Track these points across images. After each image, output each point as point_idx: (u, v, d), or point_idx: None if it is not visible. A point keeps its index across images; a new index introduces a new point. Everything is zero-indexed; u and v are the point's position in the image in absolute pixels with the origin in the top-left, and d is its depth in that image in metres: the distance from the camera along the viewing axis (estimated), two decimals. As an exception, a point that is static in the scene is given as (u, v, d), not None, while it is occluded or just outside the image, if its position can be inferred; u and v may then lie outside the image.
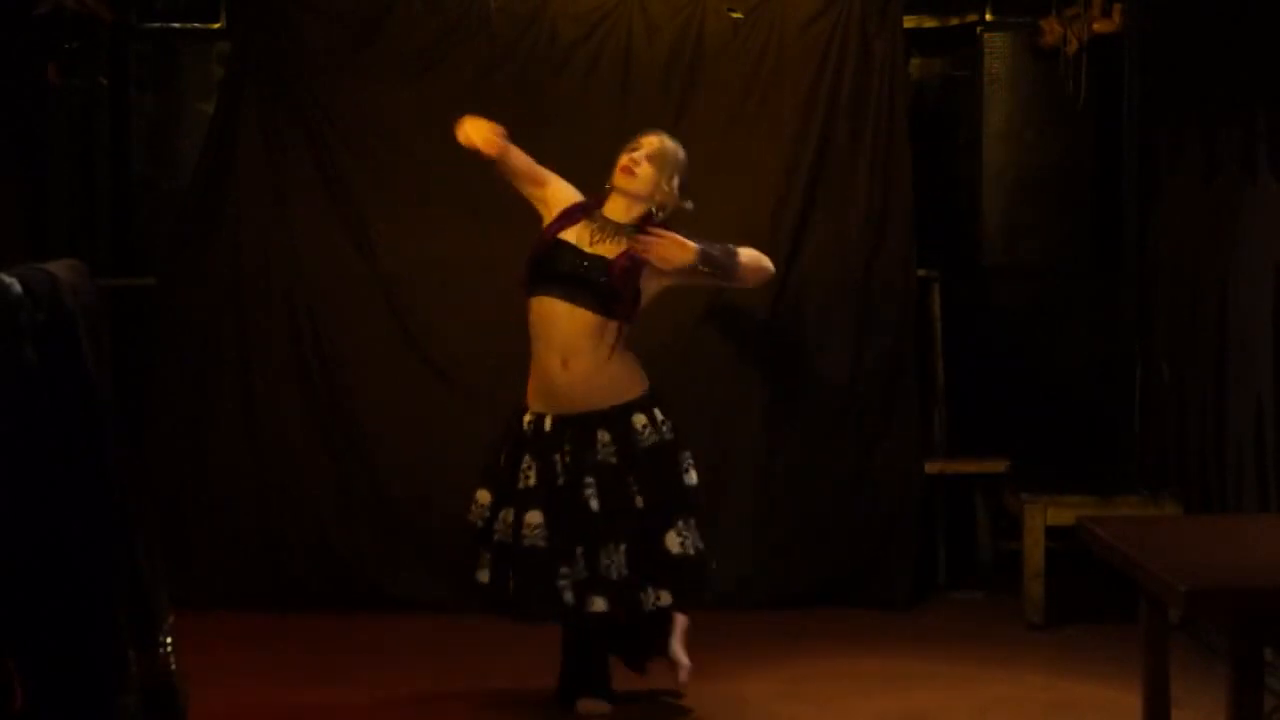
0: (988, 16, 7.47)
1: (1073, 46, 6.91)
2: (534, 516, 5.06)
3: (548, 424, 5.12)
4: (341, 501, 6.64)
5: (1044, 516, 6.33)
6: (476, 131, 5.21)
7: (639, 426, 5.12)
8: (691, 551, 5.12)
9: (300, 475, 6.63)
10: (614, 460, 5.08)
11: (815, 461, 6.67)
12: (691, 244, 5.10)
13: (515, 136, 6.57)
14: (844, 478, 6.68)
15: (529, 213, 6.04)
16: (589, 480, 5.07)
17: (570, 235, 5.18)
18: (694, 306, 6.66)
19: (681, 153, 5.30)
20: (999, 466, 6.82)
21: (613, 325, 5.12)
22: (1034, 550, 6.34)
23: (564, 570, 5.04)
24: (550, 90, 6.72)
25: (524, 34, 6.76)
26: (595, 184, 6.17)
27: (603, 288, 5.08)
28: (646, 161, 5.19)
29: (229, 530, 6.62)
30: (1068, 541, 5.95)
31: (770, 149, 6.71)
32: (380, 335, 6.67)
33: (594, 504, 5.06)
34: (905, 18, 6.91)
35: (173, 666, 3.11)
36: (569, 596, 5.05)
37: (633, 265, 5.11)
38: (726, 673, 5.72)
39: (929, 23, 7.52)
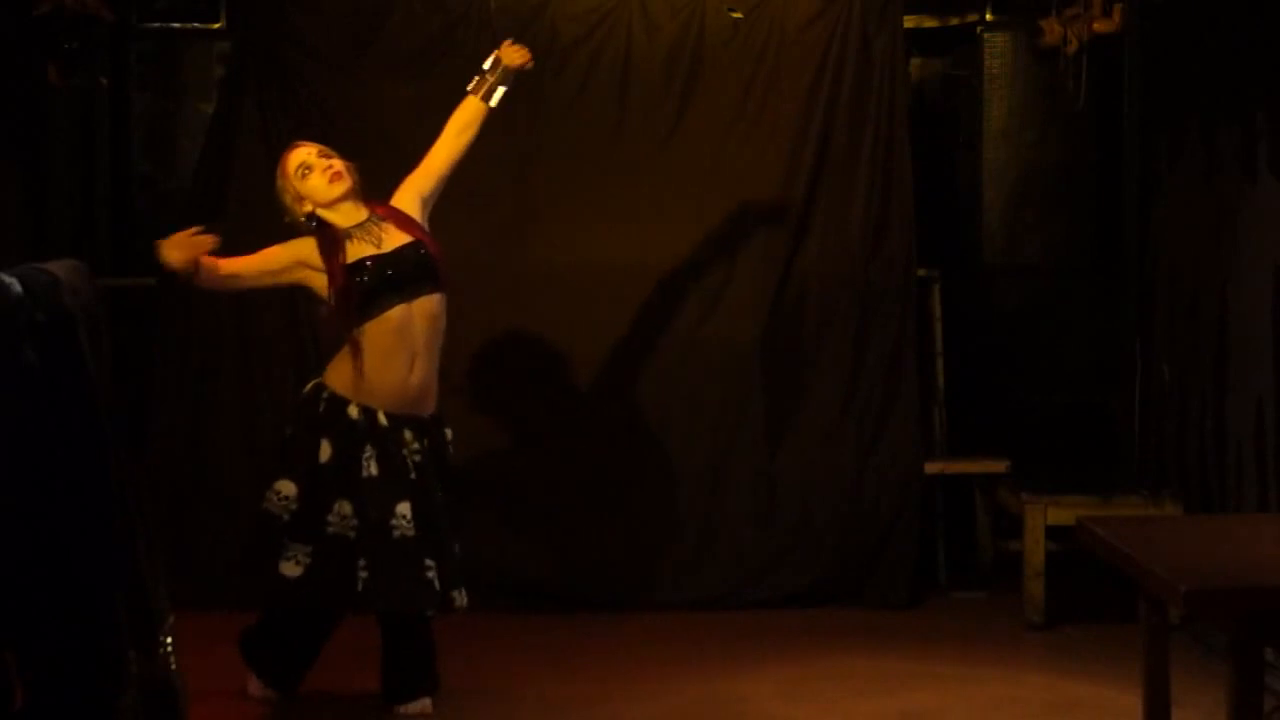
0: (988, 16, 7.47)
1: (1073, 46, 6.91)
2: (403, 507, 5.02)
3: (382, 419, 5.06)
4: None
5: (1044, 516, 6.33)
6: (172, 251, 5.08)
7: (448, 439, 5.25)
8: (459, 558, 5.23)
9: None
10: (427, 465, 5.13)
11: (815, 461, 6.67)
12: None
13: (515, 136, 6.58)
14: (844, 478, 6.68)
15: (528, 212, 6.08)
16: (431, 479, 5.12)
17: (355, 255, 5.11)
18: (694, 306, 6.67)
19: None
20: (999, 466, 6.82)
21: (444, 301, 5.17)
22: (1034, 550, 6.34)
23: (428, 562, 5.04)
24: (550, 90, 6.72)
25: (524, 34, 6.73)
26: (593, 183, 6.21)
27: (431, 264, 5.11)
28: (331, 159, 5.20)
29: (229, 530, 6.61)
30: (1068, 541, 5.96)
31: (770, 149, 6.71)
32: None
33: (441, 501, 5.13)
34: (905, 17, 6.91)
35: (173, 666, 3.11)
36: (438, 585, 5.05)
37: (423, 230, 5.18)
38: (726, 673, 5.72)
39: (929, 22, 7.52)
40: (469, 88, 5.42)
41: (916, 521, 6.73)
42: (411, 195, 5.28)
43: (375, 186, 6.64)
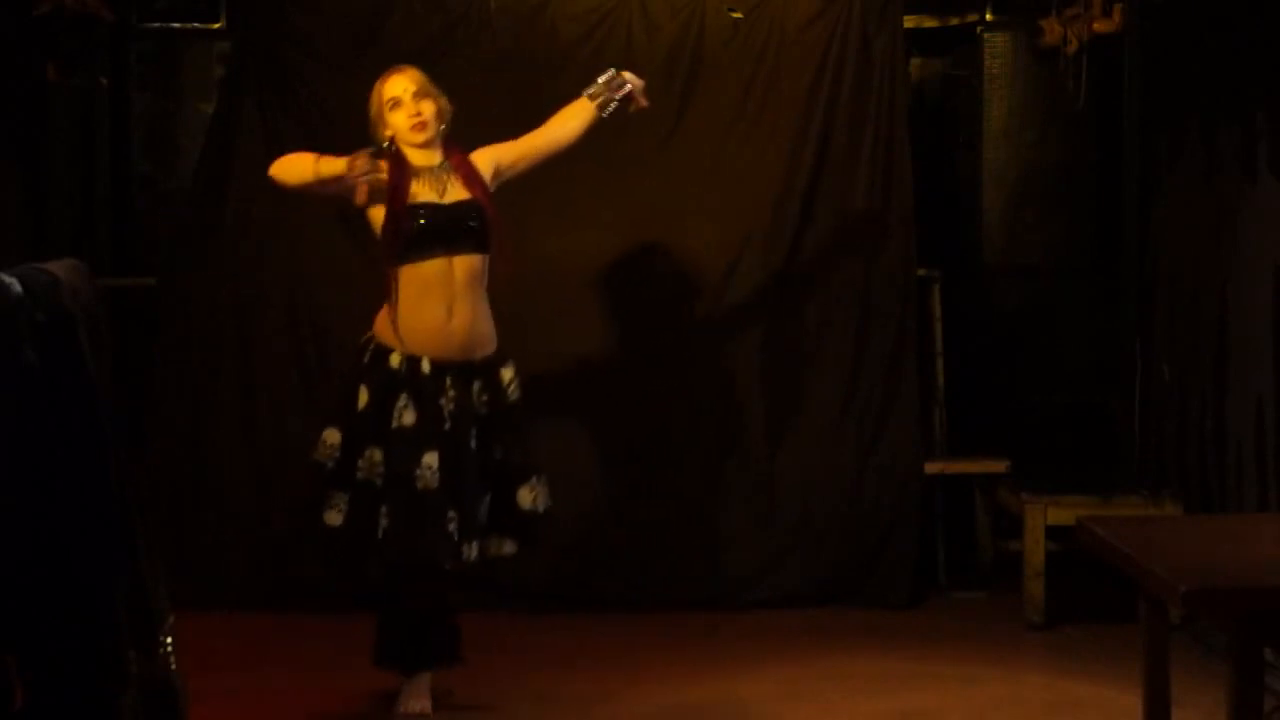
0: (988, 16, 7.47)
1: (1073, 46, 6.91)
2: (430, 458, 4.98)
3: (425, 366, 5.05)
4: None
5: (1044, 516, 6.33)
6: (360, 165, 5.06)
7: (505, 381, 5.18)
8: (541, 509, 5.20)
9: (301, 474, 6.60)
10: (485, 411, 5.10)
11: (815, 461, 6.67)
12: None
13: (514, 137, 6.59)
14: (844, 478, 6.68)
15: (528, 212, 6.06)
16: (471, 430, 5.08)
17: (417, 197, 5.12)
18: (695, 306, 6.67)
19: (414, 67, 5.28)
20: (999, 466, 6.82)
21: (486, 260, 5.16)
22: (1034, 550, 6.34)
23: (451, 514, 5.01)
24: (550, 90, 6.70)
25: (524, 34, 6.76)
26: (593, 183, 6.22)
27: (480, 229, 5.12)
28: (422, 102, 5.17)
29: (229, 530, 6.62)
30: (1068, 541, 5.96)
31: (770, 148, 6.71)
32: (380, 335, 6.66)
33: (476, 452, 5.08)
34: (905, 17, 6.91)
35: (173, 666, 3.11)
36: (456, 539, 5.02)
37: (488, 194, 5.18)
38: (726, 673, 5.73)
39: (929, 22, 7.52)
40: (588, 90, 5.44)
41: (916, 521, 6.73)
42: (489, 157, 5.30)
43: (375, 185, 6.69)
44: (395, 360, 5.06)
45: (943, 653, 5.98)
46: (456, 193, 5.16)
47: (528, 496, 5.18)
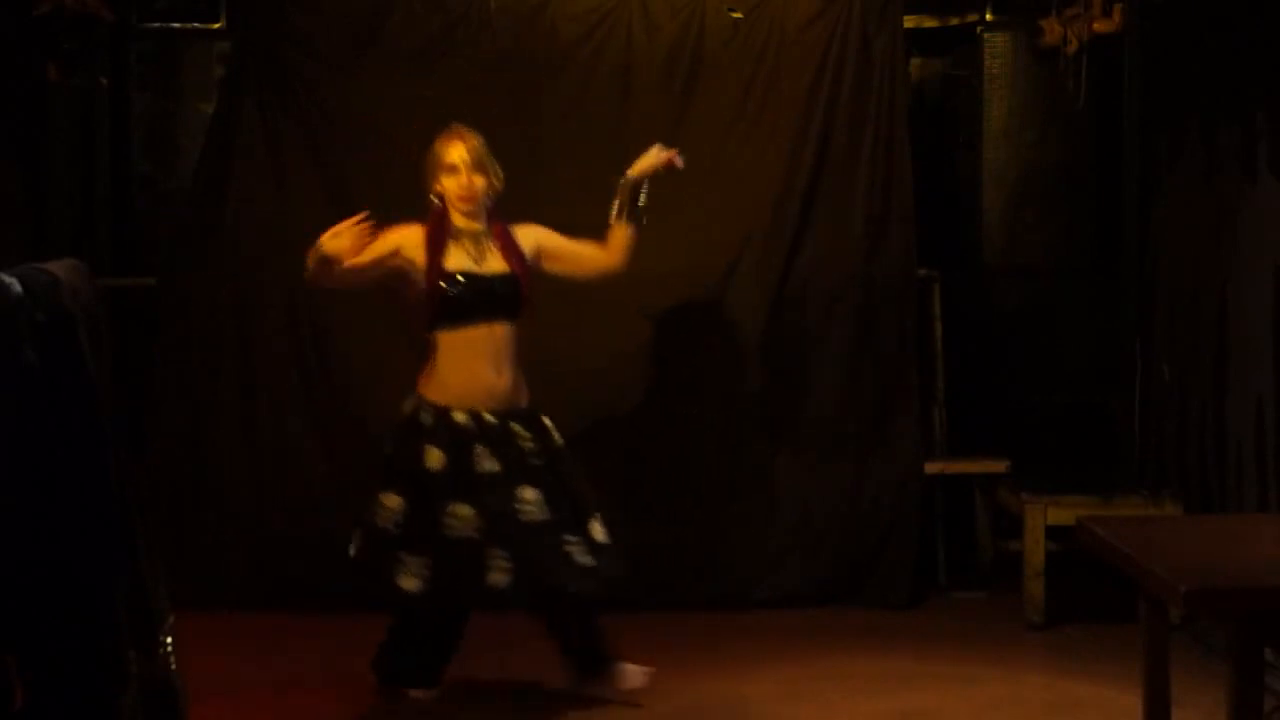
0: (988, 16, 7.47)
1: (1073, 46, 6.91)
2: (527, 493, 5.08)
3: (488, 417, 5.15)
4: (342, 501, 6.63)
5: (1044, 516, 6.33)
6: (335, 241, 5.03)
7: (549, 426, 5.28)
8: (604, 542, 5.23)
9: (300, 474, 6.63)
10: (538, 461, 5.17)
11: (815, 462, 6.67)
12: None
13: (514, 136, 6.60)
14: (844, 478, 6.68)
15: (528, 211, 6.05)
16: (548, 465, 5.18)
17: (455, 263, 5.19)
18: (695, 307, 6.67)
19: (475, 134, 5.31)
20: (999, 466, 6.82)
21: (518, 325, 5.25)
22: (1034, 550, 6.34)
23: (568, 538, 5.10)
24: (550, 90, 6.73)
25: (524, 34, 6.76)
26: (593, 183, 6.20)
27: (514, 300, 5.21)
28: (473, 174, 5.24)
29: (229, 530, 6.63)
30: (1068, 541, 5.96)
31: (770, 149, 6.71)
32: (381, 334, 6.66)
33: (565, 485, 5.18)
34: (905, 17, 6.91)
35: (173, 666, 3.11)
36: (585, 560, 5.09)
37: (524, 267, 5.26)
38: (727, 673, 5.73)
39: (929, 22, 7.52)
40: (611, 220, 5.42)
41: (916, 521, 6.73)
42: (534, 237, 5.36)
43: (375, 186, 6.71)
44: (459, 416, 5.14)
45: (943, 653, 5.98)
46: (494, 263, 5.23)
47: (599, 530, 5.23)
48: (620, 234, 5.41)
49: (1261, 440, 5.70)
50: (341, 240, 5.02)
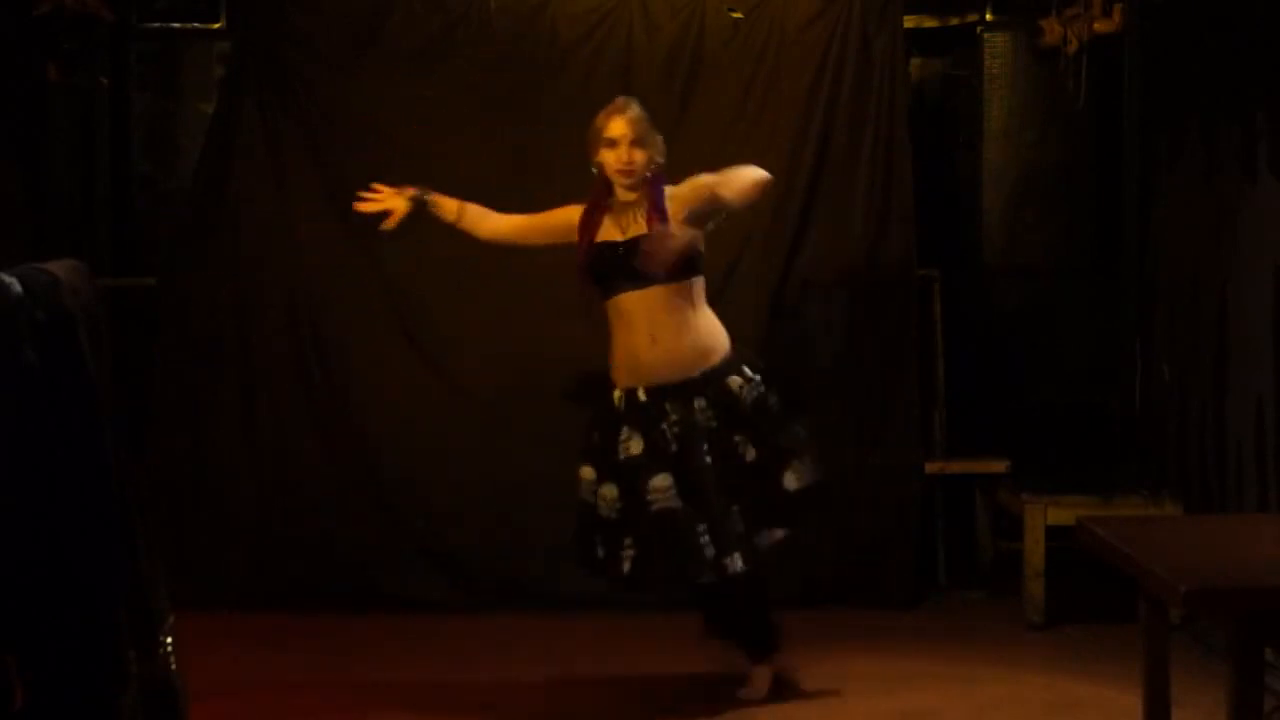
0: (988, 16, 7.47)
1: (1073, 46, 6.91)
2: (661, 480, 5.09)
3: (642, 395, 5.16)
4: (342, 500, 6.65)
5: (1044, 516, 6.33)
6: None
7: (735, 388, 5.19)
8: (809, 483, 5.26)
9: (300, 474, 6.64)
10: (714, 424, 5.14)
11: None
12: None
13: (514, 137, 6.61)
14: (844, 477, 6.67)
15: (528, 211, 6.06)
16: (705, 445, 5.12)
17: (604, 233, 5.25)
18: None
19: (637, 103, 5.37)
20: (999, 466, 6.82)
21: (685, 287, 5.19)
22: (1034, 550, 6.34)
23: (701, 528, 5.08)
24: (550, 90, 6.72)
25: (524, 34, 6.76)
26: (593, 183, 6.18)
27: (650, 253, 5.07)
28: (633, 150, 5.25)
29: (229, 529, 6.63)
30: (1068, 541, 5.95)
31: (770, 149, 6.69)
32: (381, 335, 6.68)
33: (715, 465, 5.12)
34: (905, 17, 6.90)
35: (173, 666, 3.11)
36: (710, 552, 5.08)
37: (667, 228, 5.13)
38: (726, 673, 5.72)
39: (929, 22, 7.52)
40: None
41: (916, 521, 6.73)
42: (688, 188, 5.26)
43: (377, 184, 6.71)
44: (616, 396, 5.20)
45: (943, 653, 5.98)
46: (637, 227, 5.22)
47: (792, 479, 5.24)
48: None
49: (1261, 440, 5.69)
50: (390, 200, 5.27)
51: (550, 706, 5.39)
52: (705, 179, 5.25)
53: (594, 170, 5.30)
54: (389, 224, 5.34)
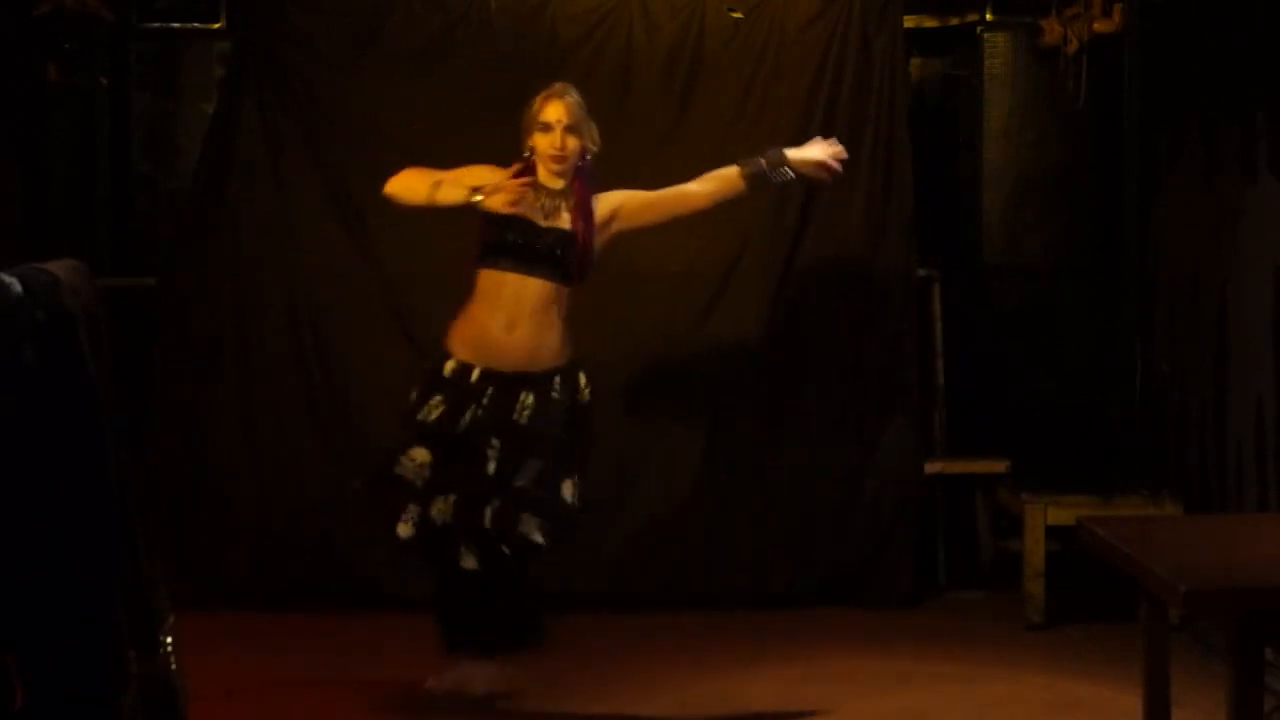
0: (988, 16, 7.47)
1: (1073, 46, 6.91)
2: (420, 454, 5.11)
3: (474, 375, 5.14)
4: (342, 500, 6.62)
5: (1044, 516, 6.33)
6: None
7: (556, 386, 5.17)
8: (579, 504, 5.21)
9: (300, 474, 6.63)
10: (525, 422, 5.10)
11: (815, 461, 6.67)
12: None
13: (514, 137, 6.60)
14: (844, 477, 6.68)
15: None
16: (494, 441, 5.09)
17: (526, 208, 5.19)
18: (694, 306, 6.67)
19: (575, 91, 5.35)
20: (999, 466, 6.82)
21: (565, 291, 5.22)
22: (1034, 550, 6.34)
23: (438, 502, 5.09)
24: (550, 90, 6.71)
25: (524, 34, 6.76)
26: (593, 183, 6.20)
27: (563, 259, 5.16)
28: (566, 136, 5.23)
29: (229, 529, 6.62)
30: (1068, 541, 5.96)
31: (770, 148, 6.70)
32: (381, 335, 6.67)
33: (490, 466, 5.08)
34: (905, 17, 6.90)
35: (173, 666, 3.11)
36: (405, 531, 5.14)
37: (588, 231, 5.19)
38: (726, 673, 5.72)
39: (929, 22, 7.52)
40: (742, 161, 5.43)
41: (916, 521, 6.73)
42: (614, 202, 5.31)
43: (376, 186, 6.70)
44: (448, 368, 5.18)
45: (942, 653, 5.98)
46: (559, 220, 5.21)
47: (569, 490, 5.20)
48: (730, 175, 5.37)
49: (1262, 440, 5.69)
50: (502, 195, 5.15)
51: (548, 706, 5.39)
52: (628, 201, 5.29)
53: (525, 154, 5.28)
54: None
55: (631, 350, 6.65)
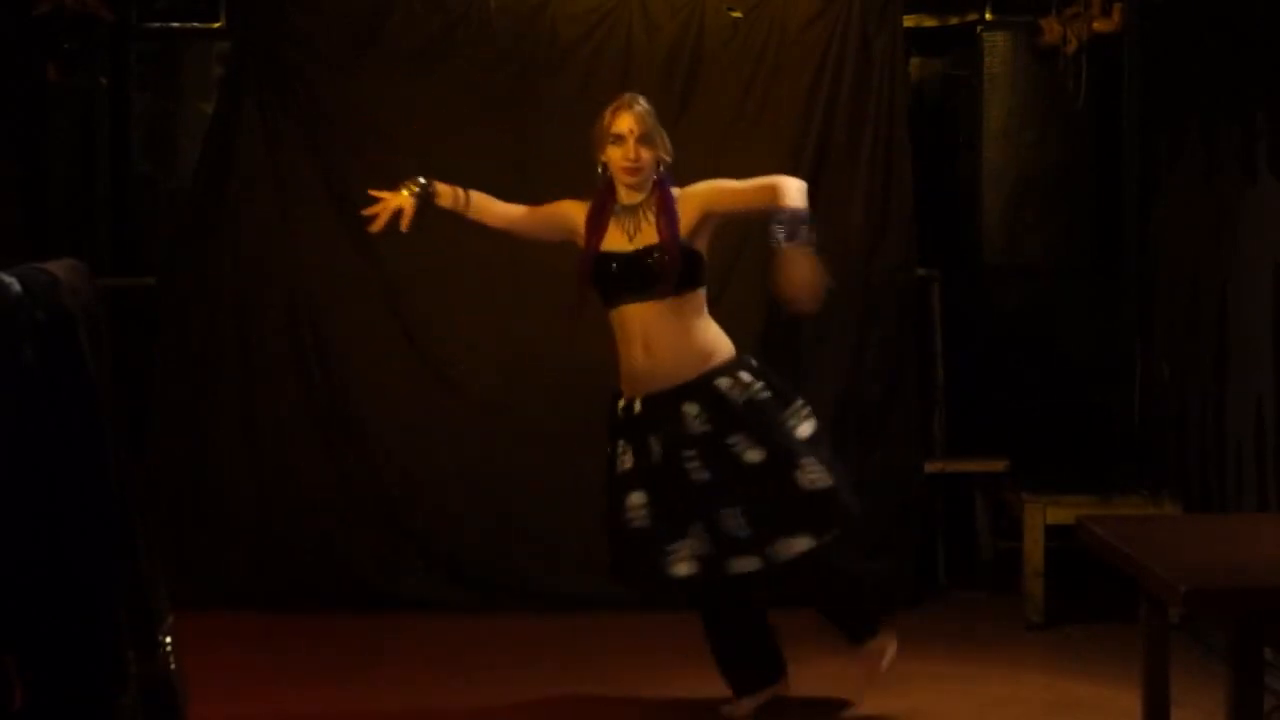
0: (987, 16, 7.47)
1: (1072, 46, 6.91)
2: (636, 498, 4.98)
3: (637, 406, 5.03)
4: (341, 501, 6.64)
5: (1044, 516, 6.33)
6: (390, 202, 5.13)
7: (725, 389, 5.01)
8: (819, 487, 5.00)
9: (300, 475, 6.63)
10: (708, 428, 4.98)
11: (814, 461, 6.66)
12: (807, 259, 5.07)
13: (514, 137, 6.60)
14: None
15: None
16: (689, 453, 4.96)
17: (610, 243, 5.07)
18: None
19: (644, 100, 5.19)
20: (999, 466, 6.82)
21: (686, 299, 5.04)
22: (1034, 549, 6.34)
23: (671, 547, 4.95)
24: (550, 90, 6.72)
25: (524, 34, 6.76)
26: (593, 184, 6.19)
27: (663, 272, 4.98)
28: (639, 147, 5.06)
29: (228, 530, 6.63)
30: (1068, 541, 5.96)
31: (770, 149, 6.70)
32: (380, 335, 6.68)
33: (703, 475, 4.95)
34: (905, 17, 6.90)
35: (172, 666, 3.10)
36: (683, 569, 4.95)
37: (675, 234, 5.01)
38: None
39: (929, 22, 7.52)
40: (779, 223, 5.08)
41: (916, 521, 6.73)
42: (700, 194, 5.11)
43: (376, 186, 6.68)
44: (619, 407, 5.08)
45: (942, 652, 5.98)
46: (646, 236, 5.04)
47: (805, 479, 5.01)
48: (773, 193, 5.08)
49: (1261, 440, 5.69)
50: (392, 201, 5.08)
51: (550, 707, 5.39)
52: (715, 193, 5.11)
53: (599, 169, 5.14)
54: (404, 224, 5.10)
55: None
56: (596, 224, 5.09)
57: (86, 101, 7.31)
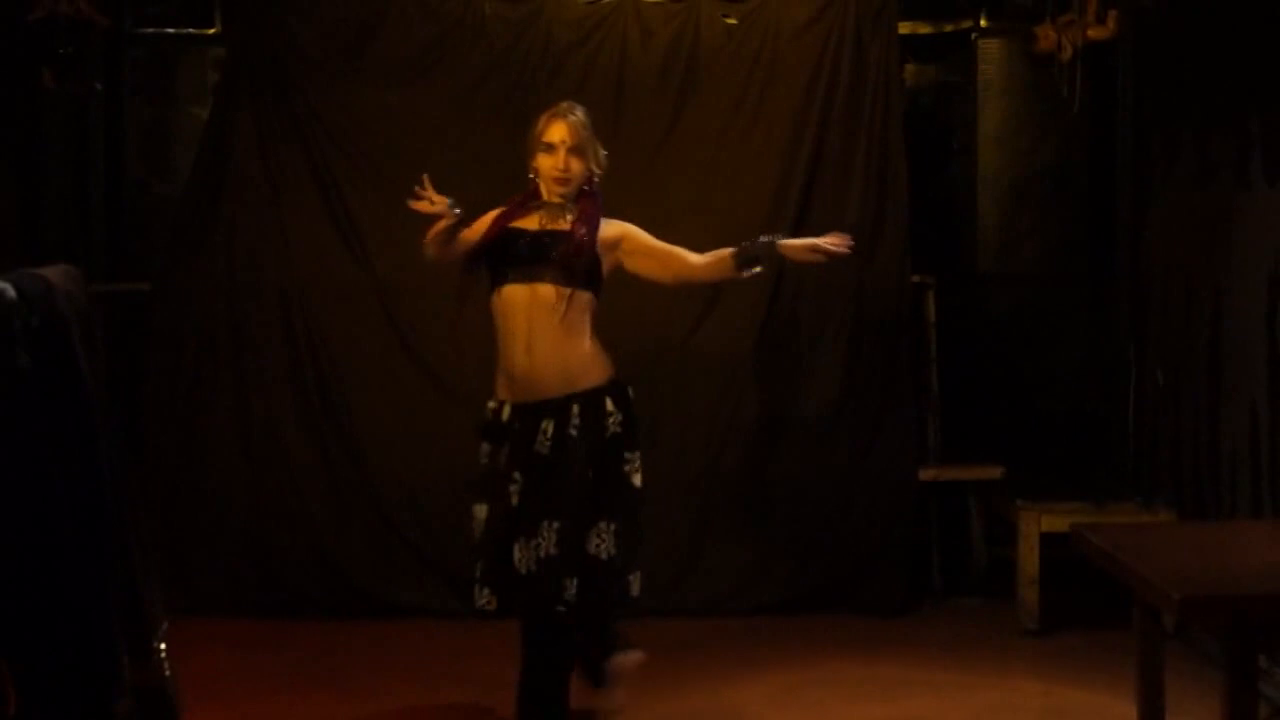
0: (982, 23, 7.48)
1: (1067, 53, 6.91)
2: (480, 510, 4.87)
3: (506, 413, 4.88)
4: (336, 507, 6.64)
5: (1038, 523, 6.33)
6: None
7: (585, 418, 4.81)
8: (604, 556, 4.80)
9: (295, 481, 6.62)
10: (546, 452, 4.79)
11: (809, 467, 6.67)
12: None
13: (509, 142, 6.60)
14: (838, 484, 6.68)
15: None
16: (516, 475, 4.82)
17: (521, 223, 4.93)
18: (689, 312, 6.66)
19: (580, 110, 5.05)
20: (993, 473, 6.82)
21: (577, 298, 4.86)
22: (1028, 557, 6.34)
23: (496, 564, 4.85)
24: (545, 95, 6.68)
25: (519, 39, 6.76)
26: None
27: (562, 257, 4.84)
28: (570, 158, 4.93)
29: (224, 536, 6.62)
30: (1062, 548, 5.96)
31: (765, 154, 6.71)
32: (375, 341, 6.67)
33: (514, 500, 4.81)
34: (900, 24, 6.90)
35: (166, 672, 3.11)
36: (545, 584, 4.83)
37: (590, 233, 4.90)
38: (720, 679, 5.72)
39: (924, 29, 7.53)
40: (733, 251, 5.04)
41: (910, 528, 6.73)
42: (623, 228, 5.03)
43: (370, 191, 6.70)
44: (489, 411, 4.93)
45: (937, 659, 5.98)
46: (559, 226, 4.91)
47: (592, 543, 4.80)
48: (724, 258, 5.05)
49: (1255, 447, 5.70)
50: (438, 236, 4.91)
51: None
52: (635, 236, 5.03)
53: (530, 175, 4.99)
54: (432, 232, 4.94)
55: (627, 355, 6.63)
56: (508, 212, 4.96)
57: (81, 107, 7.31)
